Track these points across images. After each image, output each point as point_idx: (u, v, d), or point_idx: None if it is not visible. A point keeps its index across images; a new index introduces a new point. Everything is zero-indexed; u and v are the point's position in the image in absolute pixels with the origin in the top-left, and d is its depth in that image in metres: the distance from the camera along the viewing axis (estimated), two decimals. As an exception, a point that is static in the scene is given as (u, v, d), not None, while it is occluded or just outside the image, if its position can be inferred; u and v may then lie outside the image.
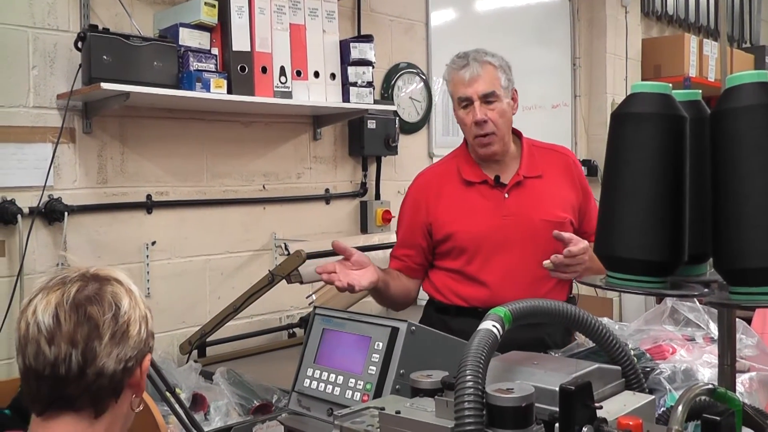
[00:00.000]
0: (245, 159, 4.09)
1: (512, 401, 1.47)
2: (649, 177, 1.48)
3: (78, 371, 1.48)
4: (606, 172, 1.57)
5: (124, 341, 1.53)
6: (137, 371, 1.58)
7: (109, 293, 1.55)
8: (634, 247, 1.50)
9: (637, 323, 3.39)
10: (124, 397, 1.58)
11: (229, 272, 4.02)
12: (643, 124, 1.49)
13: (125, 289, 1.59)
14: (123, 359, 1.53)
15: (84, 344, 1.48)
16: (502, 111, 2.84)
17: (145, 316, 1.61)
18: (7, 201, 3.24)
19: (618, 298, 6.11)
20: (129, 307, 1.56)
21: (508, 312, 1.62)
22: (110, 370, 1.51)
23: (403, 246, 3.00)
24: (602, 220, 1.58)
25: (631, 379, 1.83)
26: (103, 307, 1.52)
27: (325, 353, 2.11)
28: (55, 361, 1.47)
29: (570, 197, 2.96)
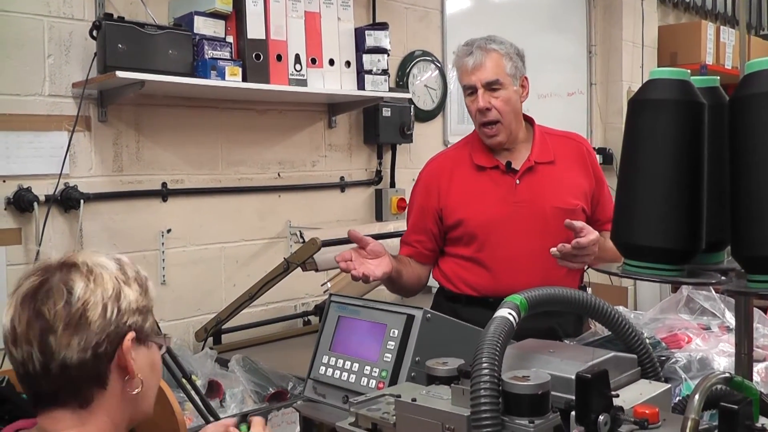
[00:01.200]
0: (260, 147, 4.09)
1: (528, 389, 1.47)
2: (667, 164, 1.48)
3: (42, 369, 1.44)
4: (623, 159, 1.56)
5: (82, 328, 1.44)
6: (118, 353, 1.49)
7: (58, 281, 1.47)
8: (652, 235, 1.49)
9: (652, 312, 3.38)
10: (113, 382, 1.50)
11: (244, 260, 4.03)
12: (662, 111, 1.48)
13: (81, 272, 1.49)
14: (88, 347, 1.44)
15: (38, 341, 1.43)
16: (507, 99, 2.82)
17: (115, 295, 1.49)
18: (23, 189, 3.26)
19: (633, 287, 6.09)
20: (83, 292, 1.46)
21: (524, 300, 1.62)
22: (75, 361, 1.43)
23: (415, 232, 2.99)
24: (619, 208, 1.57)
25: (647, 367, 1.82)
26: (52, 298, 1.45)
27: (341, 340, 2.10)
28: (23, 361, 1.45)
29: (583, 184, 2.94)
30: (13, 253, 3.27)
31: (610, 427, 1.38)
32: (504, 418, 1.46)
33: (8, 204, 3.25)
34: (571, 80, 6.06)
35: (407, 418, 1.61)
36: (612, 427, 1.38)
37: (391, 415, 1.66)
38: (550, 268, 2.75)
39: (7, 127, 3.24)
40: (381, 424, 1.68)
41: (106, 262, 1.54)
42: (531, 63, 2.93)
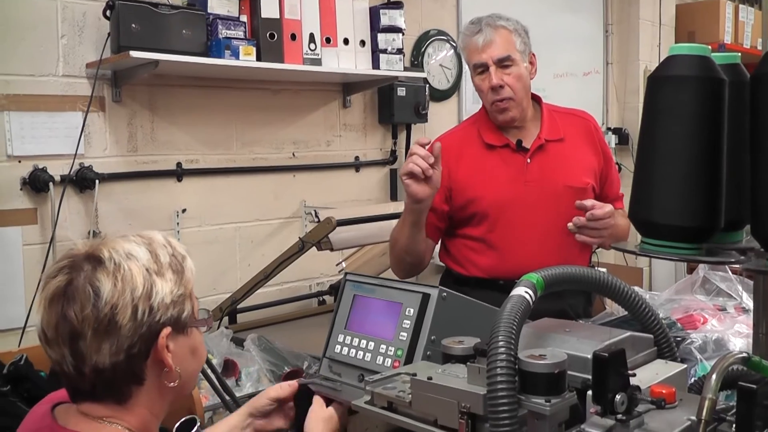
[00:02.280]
0: (275, 127, 4.08)
1: (545, 367, 1.46)
2: (687, 141, 1.46)
3: (75, 371, 1.40)
4: (642, 136, 1.55)
5: (112, 333, 1.38)
6: (153, 350, 1.44)
7: (84, 282, 1.39)
8: (671, 213, 1.48)
9: (668, 293, 3.37)
10: (151, 377, 1.46)
11: (259, 240, 4.04)
12: (682, 87, 1.46)
13: (109, 270, 1.41)
14: (120, 350, 1.39)
15: (69, 345, 1.38)
16: (518, 75, 2.79)
17: (145, 294, 1.42)
18: (38, 169, 3.27)
19: (648, 268, 6.07)
20: (111, 294, 1.38)
21: (540, 278, 1.61)
22: (108, 364, 1.39)
23: None
24: (637, 185, 1.55)
25: (663, 347, 1.82)
26: (79, 303, 1.38)
27: (356, 319, 2.10)
28: (57, 361, 1.42)
29: (592, 162, 2.91)
30: (29, 233, 3.28)
31: (627, 406, 1.38)
32: (520, 396, 1.46)
33: (24, 184, 3.26)
34: (588, 59, 6.02)
35: (423, 396, 1.61)
36: (629, 406, 1.38)
37: (406, 394, 1.66)
38: (561, 248, 2.73)
39: (21, 108, 3.25)
40: (397, 403, 1.68)
41: (136, 250, 1.46)
42: (547, 42, 2.91)
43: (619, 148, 6.07)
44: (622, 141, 6.04)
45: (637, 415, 1.38)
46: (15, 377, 2.51)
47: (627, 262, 5.88)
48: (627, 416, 1.37)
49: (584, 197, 2.73)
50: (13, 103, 3.22)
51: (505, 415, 1.42)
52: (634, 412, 1.38)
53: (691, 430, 1.39)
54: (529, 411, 1.47)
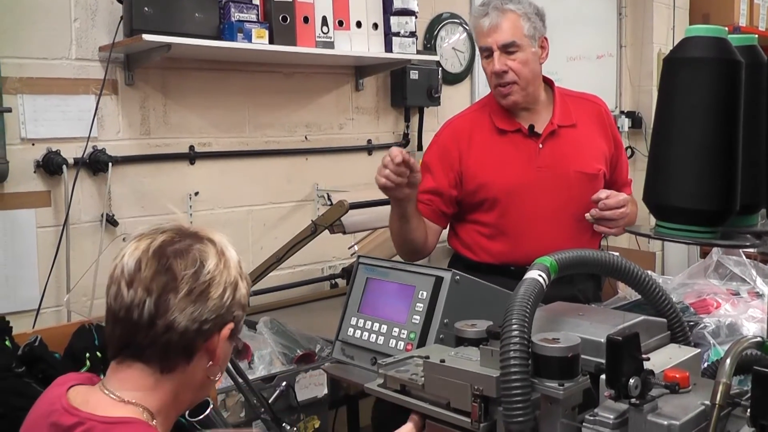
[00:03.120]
0: (287, 110, 4.08)
1: (559, 351, 1.47)
2: (703, 124, 1.45)
3: (148, 319, 1.45)
4: (657, 119, 1.54)
5: (201, 301, 1.48)
6: (215, 337, 1.51)
7: (196, 249, 1.50)
8: (686, 196, 1.47)
9: (681, 277, 3.37)
10: (198, 361, 1.52)
11: (271, 223, 4.04)
12: (699, 70, 1.45)
13: (216, 250, 1.53)
14: (198, 319, 1.47)
15: (158, 294, 1.45)
16: (524, 60, 2.75)
17: (234, 283, 1.54)
18: (52, 152, 3.27)
19: (660, 252, 6.05)
20: (214, 268, 1.50)
21: (554, 261, 1.61)
22: (181, 327, 1.46)
23: (429, 192, 2.84)
24: (652, 169, 1.54)
25: (676, 332, 1.82)
26: (186, 261, 1.48)
27: (369, 302, 2.11)
28: (131, 304, 1.46)
29: (603, 148, 2.89)
30: (43, 215, 3.29)
31: (641, 390, 1.37)
32: (533, 380, 1.46)
33: (38, 167, 3.26)
34: (601, 42, 5.98)
35: (436, 379, 1.62)
36: (642, 390, 1.38)
37: (419, 377, 1.67)
38: (573, 234, 2.72)
39: (34, 91, 3.25)
40: (409, 386, 1.69)
41: (232, 250, 1.59)
42: (560, 25, 2.89)
43: (632, 132, 6.04)
44: (636, 125, 6.01)
45: (650, 399, 1.38)
46: (30, 358, 2.52)
47: (639, 246, 5.86)
48: (640, 400, 1.37)
49: (596, 183, 2.72)
50: (27, 87, 3.22)
51: (518, 398, 1.43)
52: (648, 396, 1.38)
53: (705, 414, 1.39)
54: (543, 394, 1.48)
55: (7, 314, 2.76)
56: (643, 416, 1.36)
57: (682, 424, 1.35)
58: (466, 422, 1.57)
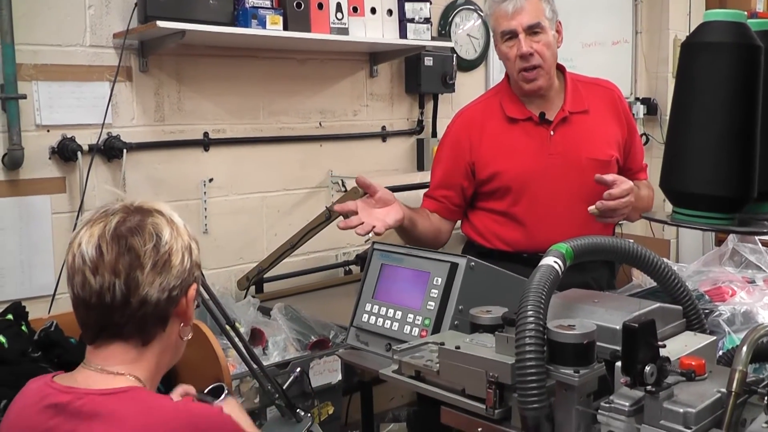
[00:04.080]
0: (301, 96, 4.07)
1: (574, 338, 1.46)
2: (722, 109, 1.44)
3: (122, 300, 1.51)
4: (675, 104, 1.53)
5: (166, 270, 1.54)
6: (182, 301, 1.60)
7: (149, 224, 1.56)
8: (704, 182, 1.46)
9: (696, 264, 3.35)
10: (172, 326, 1.61)
11: (285, 209, 4.04)
12: (718, 54, 1.44)
13: (166, 219, 1.60)
14: (166, 288, 1.54)
15: (126, 274, 1.51)
16: (548, 43, 2.75)
17: (188, 247, 1.61)
18: (67, 138, 3.28)
19: (675, 240, 6.02)
20: (170, 238, 1.57)
21: (569, 248, 1.61)
22: (154, 299, 1.53)
23: (441, 186, 2.90)
24: (669, 155, 1.54)
25: (692, 319, 1.81)
26: (143, 237, 1.53)
27: (384, 288, 2.11)
28: (101, 290, 1.50)
29: (616, 133, 2.88)
30: (58, 201, 3.30)
31: (657, 378, 1.37)
32: (549, 367, 1.46)
33: (52, 153, 3.27)
34: (616, 29, 5.94)
35: (451, 365, 1.62)
36: (658, 378, 1.37)
37: (434, 363, 1.67)
38: (585, 221, 2.70)
39: (49, 78, 3.25)
40: (424, 372, 1.69)
41: (177, 217, 1.64)
42: (575, 11, 2.87)
43: (647, 119, 6.01)
44: (651, 111, 5.97)
45: (666, 386, 1.38)
46: (46, 343, 2.54)
47: (654, 233, 5.83)
48: (656, 388, 1.36)
49: (608, 170, 2.71)
50: (41, 73, 3.23)
51: (533, 384, 1.43)
52: (664, 383, 1.38)
53: (721, 402, 1.38)
54: (558, 381, 1.47)
55: (23, 300, 2.77)
56: (659, 403, 1.36)
57: (698, 412, 1.34)
58: (480, 409, 1.57)
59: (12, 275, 3.20)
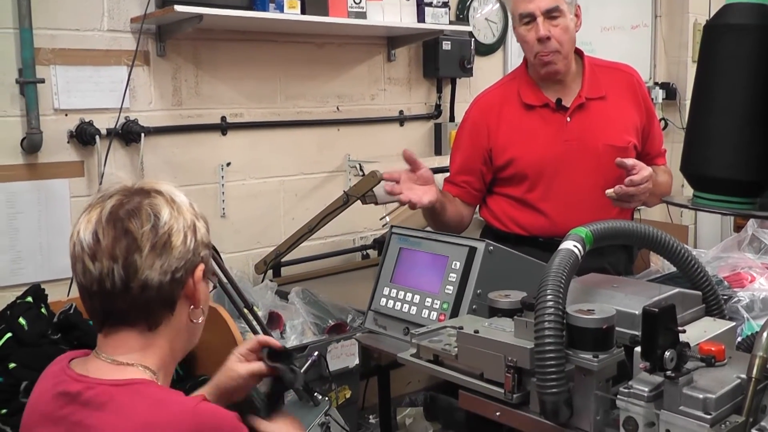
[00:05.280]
0: (319, 80, 4.07)
1: (593, 323, 1.45)
2: (745, 93, 1.42)
3: (122, 285, 1.46)
4: (696, 88, 1.51)
5: (166, 252, 1.48)
6: (189, 282, 1.53)
7: (146, 205, 1.50)
8: (725, 166, 1.45)
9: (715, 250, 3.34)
10: (180, 309, 1.54)
11: (303, 193, 4.04)
12: (741, 37, 1.42)
13: (166, 199, 1.53)
14: (168, 270, 1.48)
15: (124, 258, 1.46)
16: (566, 27, 2.72)
17: (191, 226, 1.54)
18: (85, 122, 3.29)
19: (693, 225, 5.99)
20: (169, 218, 1.50)
21: (589, 232, 1.60)
22: (155, 282, 1.47)
23: (461, 172, 2.89)
24: (691, 139, 1.52)
25: (711, 304, 1.80)
26: (140, 219, 1.48)
27: (402, 272, 2.10)
28: (100, 276, 1.47)
29: (634, 119, 2.85)
30: (76, 185, 3.32)
31: (676, 363, 1.36)
32: (568, 351, 1.45)
33: (71, 137, 3.28)
34: (636, 12, 5.90)
35: (469, 350, 1.61)
36: (678, 363, 1.36)
37: (452, 347, 1.67)
38: (602, 207, 2.69)
39: (67, 62, 3.26)
40: (443, 356, 1.69)
41: (180, 194, 1.58)
42: (595, -6, 2.83)
43: (666, 104, 5.97)
44: (670, 96, 5.93)
45: (686, 372, 1.37)
46: (65, 326, 2.56)
47: (672, 219, 5.81)
48: (676, 373, 1.35)
49: (625, 156, 2.69)
50: (59, 57, 3.24)
51: (552, 369, 1.42)
52: (683, 369, 1.37)
53: (741, 388, 1.38)
54: (577, 366, 1.47)
55: (42, 282, 2.80)
56: (679, 389, 1.35)
57: (718, 398, 1.33)
58: (499, 393, 1.56)
59: (31, 258, 3.22)
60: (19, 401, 2.37)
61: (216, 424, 1.43)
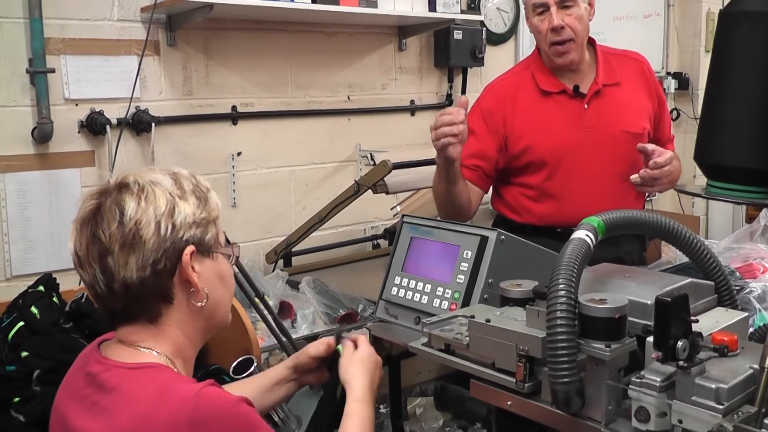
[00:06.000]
0: (330, 70, 4.06)
1: (606, 312, 1.45)
2: (759, 80, 1.41)
3: (107, 288, 1.46)
4: (711, 75, 1.50)
5: (137, 247, 1.44)
6: (179, 268, 1.49)
7: (111, 203, 1.46)
8: (740, 155, 1.44)
9: (727, 241, 3.33)
10: (179, 296, 1.51)
11: (313, 183, 4.04)
12: (756, 23, 1.41)
13: (133, 192, 1.47)
14: (146, 264, 1.45)
15: (99, 263, 1.45)
16: (579, 16, 2.71)
17: (169, 211, 1.47)
18: (95, 112, 3.29)
19: (705, 216, 5.97)
20: (135, 211, 1.45)
21: (601, 222, 1.59)
22: (135, 280, 1.44)
23: (475, 156, 2.80)
24: (705, 127, 1.51)
25: (723, 295, 1.78)
26: (106, 221, 1.45)
27: (413, 261, 2.10)
28: (90, 283, 1.48)
29: (647, 105, 2.86)
30: (87, 174, 3.32)
31: (689, 353, 1.35)
32: (580, 341, 1.45)
33: (81, 127, 3.29)
34: (648, 1, 5.86)
35: (481, 339, 1.61)
36: (690, 353, 1.35)
37: (464, 336, 1.66)
38: (619, 195, 2.69)
39: (77, 52, 3.27)
40: (454, 345, 1.68)
41: (160, 178, 1.52)
42: (607, -17, 2.81)
43: (679, 94, 5.94)
44: (682, 86, 5.90)
45: (698, 362, 1.36)
46: (76, 314, 2.56)
47: (683, 210, 5.79)
48: (688, 363, 1.34)
49: (640, 142, 2.68)
50: (69, 47, 3.24)
51: (564, 359, 1.41)
52: (696, 359, 1.36)
53: (753, 378, 1.37)
54: (589, 356, 1.46)
55: (53, 272, 2.80)
56: (691, 379, 1.34)
57: (730, 388, 1.32)
58: (510, 382, 1.56)
59: (42, 248, 3.23)
60: (31, 389, 2.38)
61: (216, 408, 1.39)
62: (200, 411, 1.37)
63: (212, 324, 1.61)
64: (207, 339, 1.63)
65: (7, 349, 2.48)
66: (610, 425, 1.44)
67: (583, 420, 1.47)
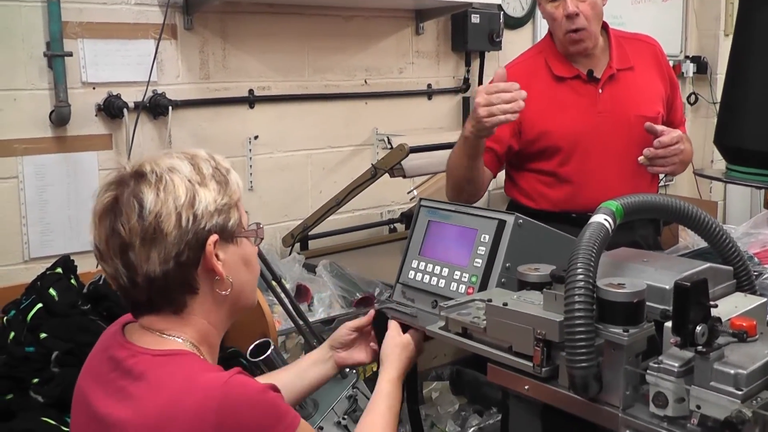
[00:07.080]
0: (346, 54, 4.05)
1: (624, 296, 1.44)
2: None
3: (130, 281, 1.45)
4: (733, 58, 1.49)
5: (159, 241, 1.41)
6: (203, 258, 1.46)
7: (130, 195, 1.43)
8: (761, 139, 1.43)
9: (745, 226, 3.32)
10: (204, 286, 1.49)
11: (330, 167, 4.05)
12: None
13: (151, 182, 1.44)
14: (169, 258, 1.42)
15: (120, 257, 1.43)
16: (593, 3, 2.69)
17: (189, 201, 1.44)
18: (113, 96, 3.30)
19: (722, 201, 5.93)
20: (154, 204, 1.41)
21: (620, 206, 1.58)
22: (159, 273, 1.42)
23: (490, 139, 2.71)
24: (726, 111, 1.50)
25: (742, 280, 1.77)
26: (125, 214, 1.42)
27: (430, 245, 2.09)
28: (113, 275, 1.47)
29: (660, 89, 2.84)
30: (104, 158, 3.34)
31: (707, 338, 1.34)
32: (597, 325, 1.44)
33: (99, 110, 3.30)
34: (667, -16, 5.83)
35: (498, 322, 1.61)
36: (709, 338, 1.34)
37: (481, 320, 1.66)
38: (633, 178, 2.67)
39: (95, 35, 3.27)
40: (471, 329, 1.68)
41: (178, 164, 1.49)
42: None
43: (697, 78, 5.90)
44: (701, 70, 5.86)
45: (717, 347, 1.35)
46: (94, 296, 2.58)
47: (701, 195, 5.75)
48: (707, 348, 1.33)
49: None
50: (87, 31, 3.25)
51: (582, 343, 1.41)
52: (715, 344, 1.35)
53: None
54: (606, 340, 1.45)
55: (72, 254, 2.82)
56: (710, 364, 1.33)
57: (749, 373, 1.31)
58: (528, 366, 1.55)
59: (60, 230, 3.25)
60: (50, 371, 2.40)
61: (244, 396, 1.37)
62: (228, 399, 1.35)
63: (238, 308, 1.60)
64: (233, 321, 1.62)
65: (26, 331, 2.51)
66: (628, 410, 1.43)
67: (601, 405, 1.47)
